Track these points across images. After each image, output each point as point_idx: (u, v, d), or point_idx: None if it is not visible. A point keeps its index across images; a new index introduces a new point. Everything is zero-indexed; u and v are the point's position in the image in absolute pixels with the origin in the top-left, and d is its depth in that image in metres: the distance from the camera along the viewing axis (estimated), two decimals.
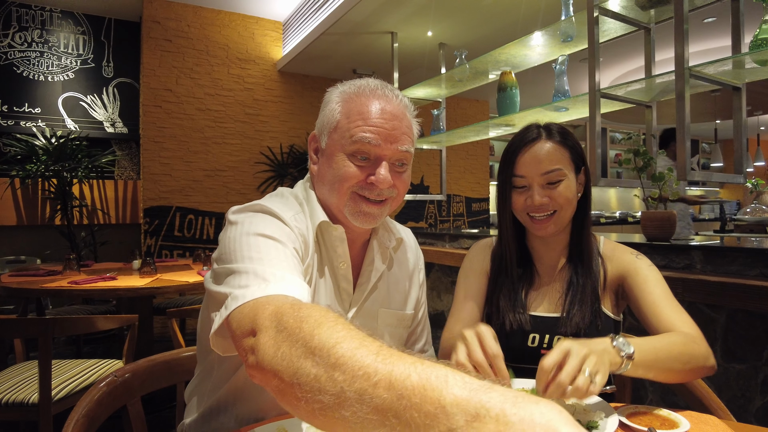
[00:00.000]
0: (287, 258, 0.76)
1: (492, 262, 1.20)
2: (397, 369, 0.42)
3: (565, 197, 1.07)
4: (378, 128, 0.87)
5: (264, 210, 0.84)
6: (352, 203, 0.90)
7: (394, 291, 1.05)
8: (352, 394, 0.42)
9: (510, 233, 1.16)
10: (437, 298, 2.89)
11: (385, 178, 0.87)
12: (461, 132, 3.18)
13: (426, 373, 0.40)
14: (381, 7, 3.11)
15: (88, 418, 0.86)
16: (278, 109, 4.61)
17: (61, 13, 4.18)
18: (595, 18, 1.90)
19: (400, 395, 0.40)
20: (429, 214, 5.64)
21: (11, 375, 1.86)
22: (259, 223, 0.81)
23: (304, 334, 0.51)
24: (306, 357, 0.48)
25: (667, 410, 0.80)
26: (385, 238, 1.03)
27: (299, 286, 0.69)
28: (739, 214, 3.62)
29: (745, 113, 1.79)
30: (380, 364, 0.43)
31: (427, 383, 0.39)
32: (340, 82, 0.96)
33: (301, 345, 0.50)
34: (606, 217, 7.45)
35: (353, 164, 0.88)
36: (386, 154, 0.88)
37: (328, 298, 0.94)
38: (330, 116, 0.91)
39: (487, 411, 0.36)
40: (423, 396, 0.39)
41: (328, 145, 0.91)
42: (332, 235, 0.93)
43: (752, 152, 7.32)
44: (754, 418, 1.39)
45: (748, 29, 1.75)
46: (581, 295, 1.09)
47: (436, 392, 0.38)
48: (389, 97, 0.91)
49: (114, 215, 4.33)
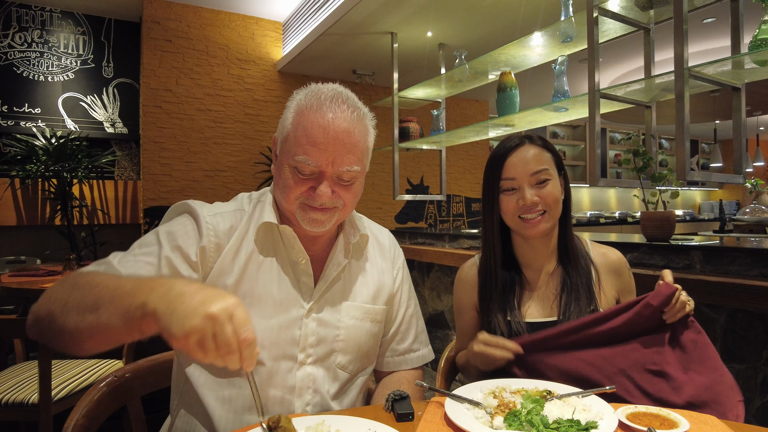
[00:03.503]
0: (144, 255, 0.91)
1: (479, 280, 1.21)
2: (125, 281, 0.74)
3: (554, 196, 1.11)
4: (319, 148, 0.90)
5: (185, 210, 0.98)
6: (301, 211, 0.95)
7: (360, 284, 1.07)
8: (106, 296, 0.72)
9: (496, 239, 1.18)
10: (437, 298, 2.89)
11: (324, 194, 0.92)
12: (461, 132, 3.18)
13: (136, 282, 0.71)
14: (381, 7, 3.11)
15: (88, 419, 0.86)
16: (278, 110, 4.61)
17: (61, 13, 4.18)
18: (595, 18, 1.90)
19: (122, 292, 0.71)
20: (429, 214, 5.64)
21: (11, 375, 1.86)
22: (167, 225, 0.96)
23: (79, 280, 0.79)
24: (75, 290, 0.77)
25: (667, 410, 0.81)
26: (350, 234, 1.07)
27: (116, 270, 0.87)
28: (739, 215, 3.63)
29: (744, 113, 1.80)
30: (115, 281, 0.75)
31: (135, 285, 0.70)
32: (305, 86, 0.98)
33: (73, 286, 0.78)
34: (605, 218, 7.45)
35: (297, 177, 0.93)
36: (327, 172, 0.92)
37: (283, 291, 0.97)
38: (284, 125, 0.96)
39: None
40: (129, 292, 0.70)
41: (280, 153, 0.97)
42: (287, 234, 0.99)
43: (752, 152, 7.32)
44: (754, 418, 1.39)
45: (747, 29, 1.75)
46: (576, 294, 1.11)
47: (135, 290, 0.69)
48: (340, 111, 0.92)
49: (114, 215, 4.33)
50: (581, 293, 1.11)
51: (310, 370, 0.98)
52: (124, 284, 0.72)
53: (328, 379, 1.00)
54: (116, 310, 0.69)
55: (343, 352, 1.02)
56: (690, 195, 9.96)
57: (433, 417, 0.82)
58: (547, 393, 0.87)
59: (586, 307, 1.09)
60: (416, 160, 5.48)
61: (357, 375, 1.06)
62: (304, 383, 0.97)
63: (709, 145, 9.16)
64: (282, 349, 0.95)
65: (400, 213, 5.37)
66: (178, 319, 0.62)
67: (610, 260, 1.18)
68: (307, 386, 0.97)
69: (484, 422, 0.78)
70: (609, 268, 1.18)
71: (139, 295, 0.67)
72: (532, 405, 0.79)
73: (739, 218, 3.59)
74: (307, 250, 1.01)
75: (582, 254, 1.18)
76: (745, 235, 3.27)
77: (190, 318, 0.61)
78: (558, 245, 1.19)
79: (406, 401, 0.86)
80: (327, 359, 1.00)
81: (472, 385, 0.93)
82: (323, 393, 0.99)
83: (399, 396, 0.87)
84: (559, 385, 0.92)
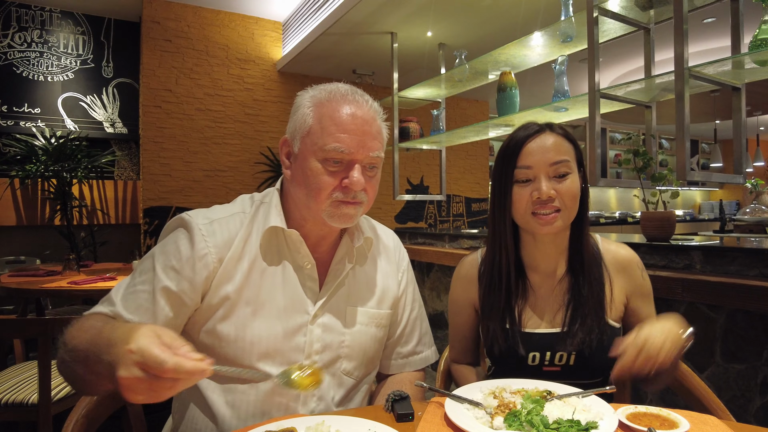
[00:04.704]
0: (136, 286, 0.90)
1: (480, 281, 1.13)
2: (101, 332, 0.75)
3: (572, 193, 1.00)
4: (350, 134, 0.89)
5: (179, 225, 0.95)
6: (332, 207, 0.92)
7: (365, 289, 1.05)
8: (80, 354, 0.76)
9: (509, 238, 1.06)
10: (437, 299, 2.89)
11: (359, 181, 0.90)
12: (461, 132, 3.18)
13: (107, 332, 0.73)
14: (381, 7, 3.11)
15: (87, 419, 0.86)
16: (278, 110, 4.61)
17: (61, 13, 4.18)
18: (595, 18, 1.90)
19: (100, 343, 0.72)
20: (429, 215, 5.64)
21: (11, 375, 1.86)
22: (162, 245, 0.94)
23: (82, 322, 0.83)
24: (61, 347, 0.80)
25: (667, 410, 0.80)
26: (354, 236, 1.04)
27: (128, 311, 0.87)
28: (739, 215, 3.63)
29: (744, 113, 1.79)
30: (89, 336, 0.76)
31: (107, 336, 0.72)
32: (310, 87, 0.97)
33: (77, 328, 0.81)
34: (606, 218, 7.45)
35: (327, 170, 0.90)
36: (358, 159, 0.91)
37: (287, 296, 0.95)
38: (302, 121, 0.93)
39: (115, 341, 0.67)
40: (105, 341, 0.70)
41: (301, 150, 0.93)
42: (292, 238, 0.96)
43: (752, 152, 7.32)
44: (754, 419, 1.39)
45: (747, 29, 1.75)
46: (584, 309, 1.02)
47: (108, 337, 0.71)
48: (360, 102, 0.93)
49: (114, 215, 4.33)
50: (590, 308, 1.02)
51: None
52: (100, 341, 0.74)
53: (333, 385, 0.99)
54: (100, 367, 0.71)
55: (348, 358, 1.00)
56: (690, 195, 9.96)
57: (433, 417, 0.82)
58: (547, 393, 0.87)
59: (594, 324, 1.01)
60: (416, 160, 5.48)
61: (362, 381, 1.05)
62: (309, 390, 0.95)
63: (709, 145, 9.16)
64: (287, 356, 0.94)
65: (400, 213, 5.37)
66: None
67: (619, 258, 1.08)
68: (311, 393, 0.96)
69: (484, 422, 0.78)
70: (618, 266, 1.08)
71: (106, 354, 0.70)
72: (532, 405, 0.79)
73: (739, 218, 3.59)
74: (311, 253, 0.98)
75: (597, 263, 1.06)
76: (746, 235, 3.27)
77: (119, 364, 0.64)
78: (569, 248, 1.08)
79: (406, 401, 0.86)
80: (332, 366, 0.99)
81: (472, 385, 0.93)
82: (328, 400, 0.97)
83: (399, 396, 0.86)
84: (559, 385, 0.92)
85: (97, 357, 0.71)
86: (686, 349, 0.86)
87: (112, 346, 0.67)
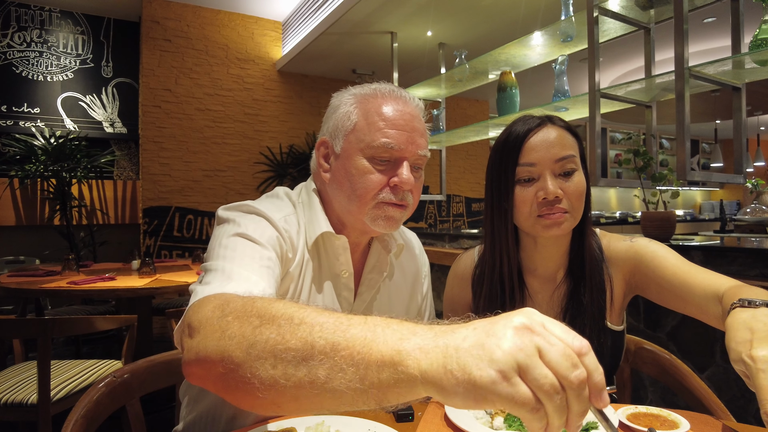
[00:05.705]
0: (261, 260, 0.76)
1: (476, 285, 1.06)
2: (355, 330, 0.46)
3: (579, 192, 0.92)
4: (399, 130, 0.86)
5: (252, 211, 0.83)
6: (376, 209, 0.87)
7: (396, 300, 1.03)
8: (321, 341, 0.45)
9: (510, 242, 0.97)
10: (437, 299, 2.89)
11: (409, 179, 0.86)
12: (461, 132, 3.18)
13: (370, 331, 0.45)
14: (381, 7, 3.10)
15: (87, 419, 0.85)
16: (278, 109, 4.61)
17: (61, 13, 4.18)
18: (595, 18, 1.89)
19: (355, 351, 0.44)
20: (429, 215, 5.64)
21: (10, 375, 1.85)
22: (244, 223, 0.80)
23: (257, 309, 0.52)
24: (264, 325, 0.49)
25: (667, 410, 0.80)
26: (388, 243, 0.99)
27: (260, 287, 0.69)
28: (739, 215, 3.62)
29: (744, 113, 1.79)
30: (342, 324, 0.47)
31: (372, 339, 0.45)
32: (347, 87, 0.94)
33: (255, 317, 0.51)
34: (606, 218, 7.44)
35: (374, 168, 0.86)
36: (407, 156, 0.87)
37: (325, 305, 0.91)
38: (345, 119, 0.88)
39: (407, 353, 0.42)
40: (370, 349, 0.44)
41: (344, 149, 0.88)
42: (334, 244, 0.91)
43: (752, 152, 7.32)
44: (754, 419, 1.39)
45: (748, 29, 1.75)
46: (582, 318, 0.96)
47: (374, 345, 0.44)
48: (406, 99, 0.90)
49: (113, 215, 4.32)
50: (590, 316, 0.95)
51: None
52: (329, 324, 0.47)
53: None
54: (345, 368, 0.45)
55: None
56: (690, 195, 9.96)
57: (433, 417, 0.82)
58: None
59: (593, 332, 0.95)
60: None
61: None
62: None
63: (709, 145, 9.16)
64: None
65: None
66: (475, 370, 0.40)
67: (622, 256, 0.98)
68: None
69: (484, 422, 0.78)
70: (622, 264, 0.99)
71: (374, 351, 0.43)
72: None
73: (739, 218, 3.59)
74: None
75: (598, 266, 0.98)
76: (746, 235, 3.27)
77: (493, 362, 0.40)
78: (570, 251, 1.00)
79: None
80: None
81: None
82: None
83: None
84: None
85: (347, 360, 0.45)
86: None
87: (420, 348, 0.43)
